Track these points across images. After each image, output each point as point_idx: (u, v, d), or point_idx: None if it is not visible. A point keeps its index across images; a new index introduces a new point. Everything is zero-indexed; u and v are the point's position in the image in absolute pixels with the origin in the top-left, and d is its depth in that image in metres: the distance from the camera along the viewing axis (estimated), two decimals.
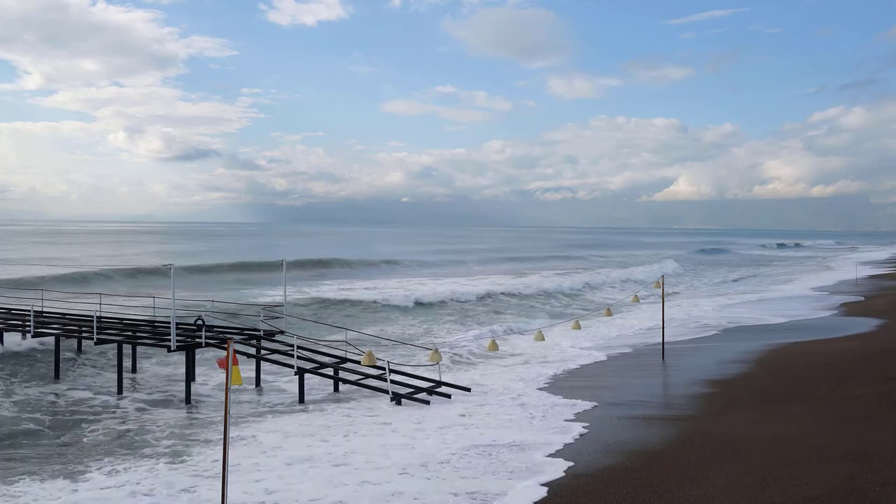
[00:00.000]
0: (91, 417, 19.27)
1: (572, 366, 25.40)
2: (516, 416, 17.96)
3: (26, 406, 20.41)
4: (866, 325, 33.38)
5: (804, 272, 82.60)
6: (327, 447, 15.65)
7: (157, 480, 13.55)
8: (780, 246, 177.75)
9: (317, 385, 22.58)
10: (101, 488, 13.23)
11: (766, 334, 31.61)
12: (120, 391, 22.17)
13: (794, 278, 72.27)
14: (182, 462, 14.86)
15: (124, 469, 14.41)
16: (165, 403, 21.09)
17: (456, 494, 12.35)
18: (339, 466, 14.15)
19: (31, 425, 18.33)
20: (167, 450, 15.94)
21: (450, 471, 13.65)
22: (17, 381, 23.48)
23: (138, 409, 20.21)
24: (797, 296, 51.75)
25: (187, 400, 21.28)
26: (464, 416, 18.18)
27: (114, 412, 19.88)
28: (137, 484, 13.37)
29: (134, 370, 25.21)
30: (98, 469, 14.47)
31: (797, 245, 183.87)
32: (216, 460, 14.41)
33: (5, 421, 18.64)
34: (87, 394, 22.02)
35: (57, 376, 23.92)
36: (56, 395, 21.86)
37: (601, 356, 27.33)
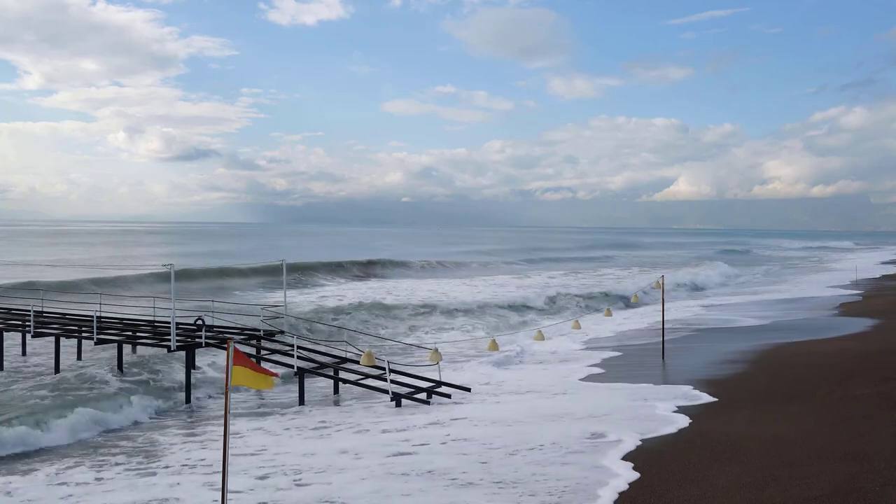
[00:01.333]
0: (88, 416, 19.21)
1: (570, 366, 25.39)
2: (521, 417, 17.98)
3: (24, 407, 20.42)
4: (866, 325, 33.38)
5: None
6: (339, 445, 15.68)
7: (154, 480, 13.55)
8: (808, 248, 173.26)
9: (317, 385, 22.58)
10: (96, 484, 13.23)
11: (767, 333, 31.60)
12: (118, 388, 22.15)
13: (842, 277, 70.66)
14: (180, 461, 14.85)
15: (124, 466, 14.41)
16: (165, 403, 21.07)
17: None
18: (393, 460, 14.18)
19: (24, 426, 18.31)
20: (165, 449, 15.93)
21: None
22: (18, 379, 23.52)
23: (137, 409, 20.17)
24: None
25: (187, 399, 21.29)
26: (466, 417, 18.18)
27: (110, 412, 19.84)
28: (133, 481, 13.36)
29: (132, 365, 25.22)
30: (95, 465, 14.47)
31: (823, 247, 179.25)
32: (211, 461, 14.40)
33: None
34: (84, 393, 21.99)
35: (57, 372, 23.90)
36: (55, 392, 21.83)
37: (601, 356, 27.32)
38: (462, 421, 17.74)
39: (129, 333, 24.69)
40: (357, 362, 22.04)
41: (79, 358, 26.75)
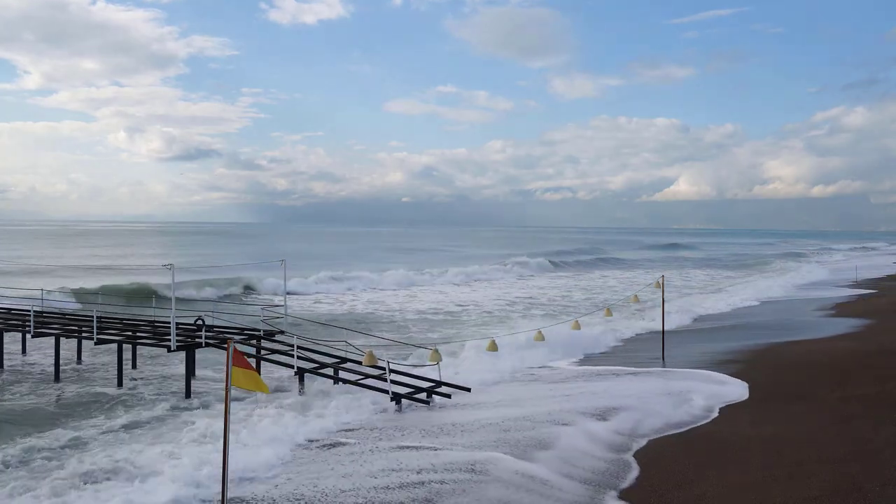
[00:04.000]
0: (88, 414, 19.21)
1: (567, 366, 25.39)
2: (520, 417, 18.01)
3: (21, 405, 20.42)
4: (866, 324, 33.35)
5: None
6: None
7: (153, 478, 13.53)
8: (855, 249, 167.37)
9: (317, 385, 22.55)
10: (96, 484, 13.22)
11: (768, 332, 31.58)
12: (119, 387, 22.15)
13: None
14: (178, 459, 14.83)
15: (122, 463, 14.40)
16: (164, 402, 21.05)
17: None
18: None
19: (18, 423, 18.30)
20: (164, 448, 15.90)
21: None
22: (17, 379, 23.53)
23: (138, 408, 20.17)
24: None
25: (187, 395, 21.29)
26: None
27: (112, 410, 19.84)
28: (132, 479, 13.35)
29: (134, 369, 25.24)
30: (95, 462, 14.46)
31: (863, 247, 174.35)
32: (210, 458, 14.39)
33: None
34: (86, 393, 22.00)
35: (57, 378, 23.86)
36: (53, 393, 21.83)
37: (599, 355, 27.33)
38: (459, 411, 18.17)
39: (129, 333, 24.69)
40: (358, 362, 22.02)
41: (79, 359, 26.76)
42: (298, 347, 21.78)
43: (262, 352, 22.79)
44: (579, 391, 20.49)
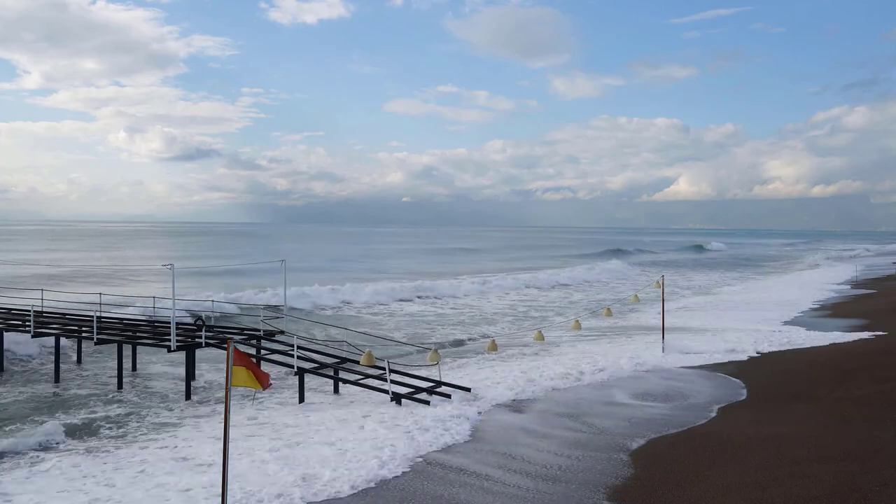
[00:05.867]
0: (88, 414, 19.22)
1: (566, 368, 25.35)
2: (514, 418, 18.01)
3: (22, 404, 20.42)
4: (864, 324, 33.34)
5: None
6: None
7: (154, 479, 13.54)
8: None
9: (317, 385, 22.58)
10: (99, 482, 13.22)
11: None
12: (120, 390, 22.15)
13: None
14: (179, 458, 14.84)
15: (121, 461, 14.41)
16: (165, 402, 21.08)
17: None
18: None
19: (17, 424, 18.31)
20: (164, 448, 15.92)
21: None
22: (18, 381, 23.53)
23: (137, 408, 20.19)
24: None
25: (187, 397, 21.30)
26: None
27: (113, 409, 19.86)
28: (133, 482, 13.36)
29: (134, 370, 25.24)
30: (97, 458, 14.47)
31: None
32: (210, 459, 14.40)
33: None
34: (86, 393, 21.99)
35: (57, 378, 23.86)
36: (54, 394, 21.83)
37: (598, 356, 27.28)
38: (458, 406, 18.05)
39: (129, 333, 24.68)
40: (357, 362, 22.03)
41: (79, 359, 26.75)
42: (298, 347, 21.79)
43: (262, 352, 22.80)
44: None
